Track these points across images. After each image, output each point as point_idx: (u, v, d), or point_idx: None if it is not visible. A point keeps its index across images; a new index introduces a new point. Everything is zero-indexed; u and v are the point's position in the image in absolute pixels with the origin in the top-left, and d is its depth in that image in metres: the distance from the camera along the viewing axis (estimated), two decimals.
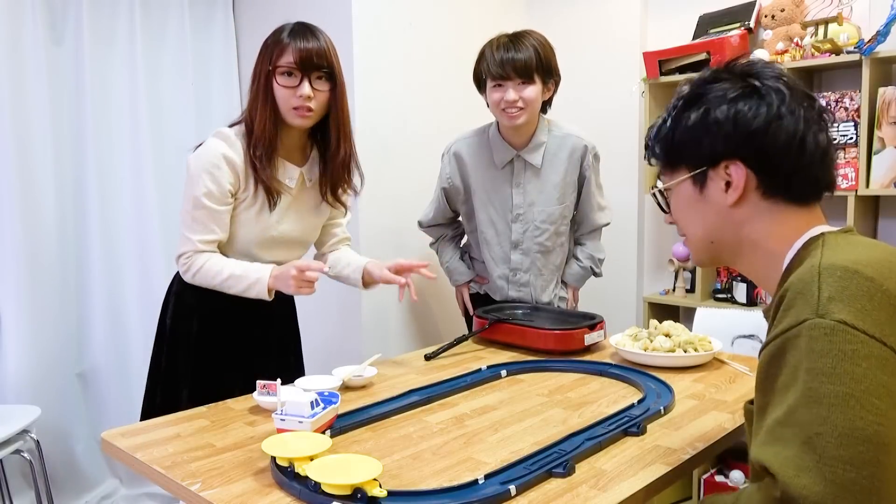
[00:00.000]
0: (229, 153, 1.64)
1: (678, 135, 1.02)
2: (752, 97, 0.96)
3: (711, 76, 1.02)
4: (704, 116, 0.99)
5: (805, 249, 0.95)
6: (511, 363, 1.71)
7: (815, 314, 0.82)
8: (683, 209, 1.06)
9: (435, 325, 2.78)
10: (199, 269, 1.66)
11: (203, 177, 1.63)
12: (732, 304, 2.62)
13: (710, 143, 0.98)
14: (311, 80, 1.62)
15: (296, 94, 1.61)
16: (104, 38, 2.63)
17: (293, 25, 1.66)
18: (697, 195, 1.02)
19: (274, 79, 1.62)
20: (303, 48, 1.60)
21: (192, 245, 1.66)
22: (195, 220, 1.65)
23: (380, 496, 0.95)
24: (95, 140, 2.61)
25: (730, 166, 0.98)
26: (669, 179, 1.06)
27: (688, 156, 1.02)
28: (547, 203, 2.16)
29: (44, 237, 2.51)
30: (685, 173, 1.03)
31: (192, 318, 1.77)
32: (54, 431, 2.53)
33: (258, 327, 1.80)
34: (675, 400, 1.40)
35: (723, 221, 1.01)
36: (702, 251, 1.06)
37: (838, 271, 0.85)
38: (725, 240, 1.02)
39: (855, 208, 2.29)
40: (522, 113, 2.02)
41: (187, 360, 1.76)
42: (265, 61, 1.63)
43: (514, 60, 1.97)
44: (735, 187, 0.98)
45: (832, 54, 2.31)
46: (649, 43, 2.87)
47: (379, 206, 2.54)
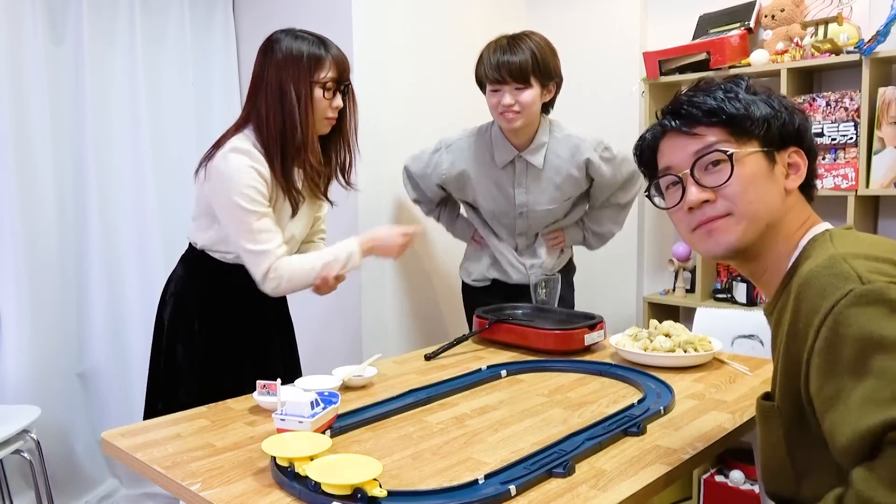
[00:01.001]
0: (256, 165, 1.64)
1: (756, 109, 1.01)
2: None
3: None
4: (780, 99, 1.02)
5: (811, 245, 0.97)
6: (511, 363, 1.71)
7: (858, 283, 0.83)
8: (753, 181, 0.99)
9: (435, 325, 2.78)
10: (290, 277, 1.66)
11: (246, 191, 1.62)
12: (732, 304, 2.62)
13: (786, 124, 1.01)
14: (343, 92, 1.72)
15: (332, 105, 1.70)
16: (104, 38, 2.62)
17: (309, 37, 1.69)
18: (769, 171, 1.00)
19: (314, 91, 1.67)
20: (340, 61, 1.69)
21: (273, 255, 1.64)
22: (261, 231, 1.63)
23: (380, 496, 0.95)
24: (95, 140, 2.61)
25: (794, 154, 1.01)
26: (737, 147, 1.00)
27: (763, 130, 1.00)
28: (550, 202, 2.17)
29: (44, 237, 2.50)
30: (756, 146, 1.00)
31: (193, 319, 1.76)
32: (54, 431, 2.52)
33: (258, 327, 1.80)
34: (675, 400, 1.40)
35: (781, 206, 1.00)
36: (752, 232, 1.00)
37: (861, 256, 0.87)
38: (775, 225, 1.00)
39: (855, 208, 2.29)
40: (519, 117, 2.02)
41: (188, 359, 1.76)
42: (305, 76, 1.65)
43: (510, 64, 1.97)
44: (799, 174, 1.01)
45: (832, 54, 2.31)
46: (649, 43, 2.87)
47: (378, 205, 2.54)
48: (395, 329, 2.66)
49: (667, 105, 1.08)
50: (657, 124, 1.09)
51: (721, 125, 1.01)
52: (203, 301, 1.76)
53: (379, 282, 2.59)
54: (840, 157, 2.34)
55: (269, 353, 1.85)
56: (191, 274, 1.82)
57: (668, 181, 1.07)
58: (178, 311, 1.79)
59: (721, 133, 1.01)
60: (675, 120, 1.04)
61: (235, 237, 1.65)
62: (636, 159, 1.15)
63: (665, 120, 1.06)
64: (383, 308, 2.61)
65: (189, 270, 1.83)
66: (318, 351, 2.49)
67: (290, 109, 1.65)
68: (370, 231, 1.86)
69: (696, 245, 1.06)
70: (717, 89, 1.03)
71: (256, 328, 1.81)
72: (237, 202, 1.61)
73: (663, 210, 1.09)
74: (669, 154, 1.06)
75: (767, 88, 1.05)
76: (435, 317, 2.79)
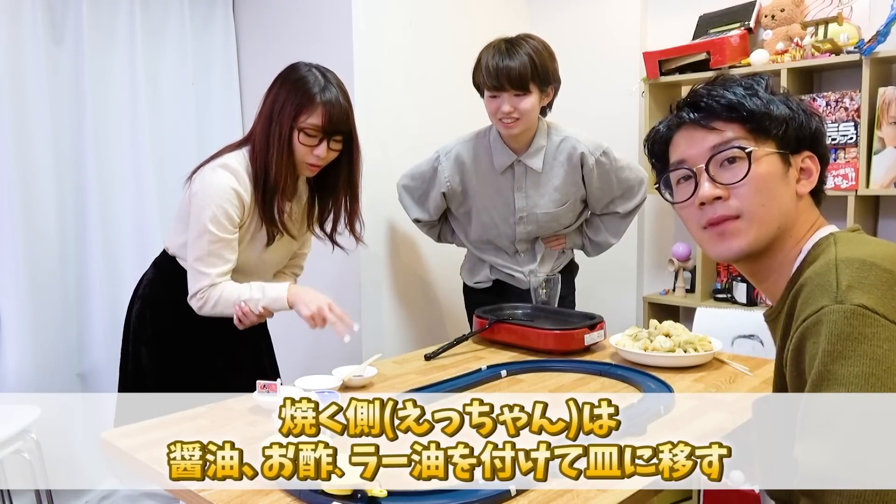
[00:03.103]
0: (239, 189, 1.63)
1: (776, 109, 0.99)
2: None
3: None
4: (798, 101, 1.01)
5: (816, 248, 0.96)
6: (511, 363, 1.71)
7: (834, 301, 0.82)
8: (768, 182, 0.97)
9: (435, 325, 2.78)
10: (216, 301, 1.64)
11: (216, 211, 1.61)
12: (732, 304, 2.62)
13: (802, 127, 1.00)
14: (329, 142, 1.65)
15: (313, 152, 1.64)
16: (104, 38, 2.62)
17: (317, 74, 1.64)
18: (784, 174, 0.99)
19: (297, 136, 1.63)
20: (331, 111, 1.62)
21: (209, 280, 1.64)
22: (211, 255, 1.63)
23: (380, 496, 0.95)
24: (95, 140, 2.61)
25: (807, 159, 1.00)
26: (746, 142, 0.98)
27: (781, 132, 0.99)
28: (549, 206, 2.16)
29: (44, 237, 2.50)
30: (773, 147, 0.99)
31: (158, 321, 1.77)
32: (54, 431, 2.52)
33: (225, 330, 1.76)
34: (675, 400, 1.40)
35: (792, 209, 0.99)
36: (764, 235, 0.98)
37: (855, 263, 0.86)
38: (785, 229, 0.99)
39: (855, 208, 2.29)
40: (518, 124, 2.00)
41: (152, 362, 1.77)
42: (289, 113, 1.62)
43: (509, 70, 1.93)
44: (811, 180, 1.00)
45: (832, 54, 2.31)
46: (649, 43, 2.87)
47: (378, 206, 2.54)
48: (395, 329, 2.66)
49: (684, 97, 1.05)
50: (673, 116, 1.06)
51: (740, 121, 0.99)
52: (169, 305, 1.76)
53: (378, 282, 2.59)
54: (840, 157, 2.34)
55: (240, 355, 1.84)
56: (160, 277, 1.83)
57: (681, 175, 1.04)
58: (144, 313, 1.80)
59: (739, 130, 0.99)
60: (694, 112, 1.02)
61: (190, 247, 1.66)
62: (647, 150, 1.12)
63: (683, 112, 1.04)
64: (383, 308, 2.61)
65: (159, 274, 1.84)
66: (318, 351, 2.49)
67: (274, 147, 1.63)
68: (304, 288, 1.73)
69: (706, 245, 1.03)
70: (737, 85, 1.01)
71: (224, 332, 1.76)
72: (203, 220, 1.61)
73: (671, 204, 1.07)
74: (685, 147, 1.03)
75: (786, 90, 1.04)
76: (435, 317, 2.79)
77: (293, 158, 1.66)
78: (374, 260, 2.58)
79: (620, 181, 2.19)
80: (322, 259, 2.04)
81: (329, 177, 1.76)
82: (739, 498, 2.45)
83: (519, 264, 2.26)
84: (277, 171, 1.63)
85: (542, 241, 2.25)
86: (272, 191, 1.65)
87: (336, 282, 2.60)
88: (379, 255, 2.60)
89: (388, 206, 2.57)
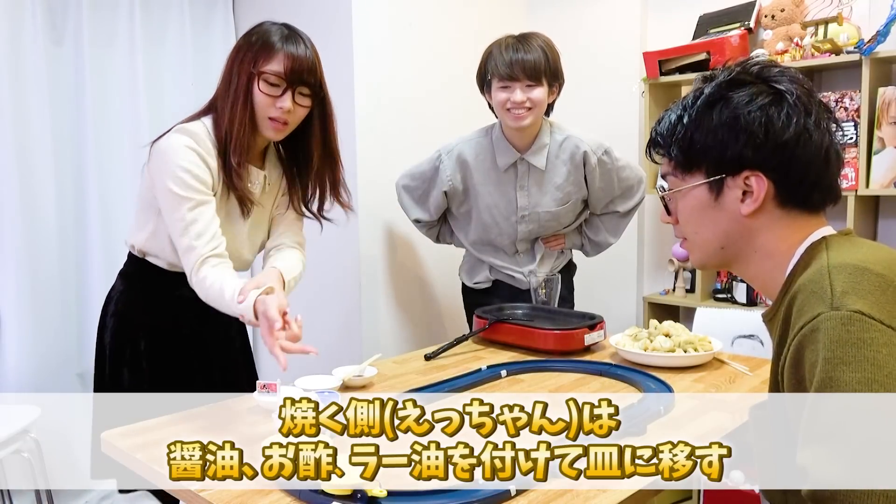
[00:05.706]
0: (199, 150, 1.47)
1: (699, 136, 0.96)
2: (781, 104, 0.93)
3: (733, 77, 0.96)
4: (733, 122, 0.93)
5: (808, 253, 0.95)
6: (511, 363, 1.71)
7: (829, 308, 0.81)
8: (694, 214, 1.01)
9: (435, 325, 2.78)
10: (206, 294, 1.43)
11: (176, 171, 1.44)
12: (732, 304, 2.62)
13: (737, 150, 0.94)
14: (294, 94, 1.49)
15: (275, 104, 1.48)
16: (104, 38, 2.62)
17: (282, 28, 1.52)
18: (712, 201, 0.98)
19: (256, 83, 1.48)
20: (294, 59, 1.47)
21: (196, 254, 1.43)
22: (194, 222, 1.44)
23: (380, 496, 0.95)
24: (95, 140, 2.61)
25: (751, 177, 0.94)
26: (680, 180, 1.01)
27: (708, 160, 0.97)
28: (551, 205, 2.16)
29: (44, 237, 2.50)
30: (701, 177, 0.98)
31: (138, 339, 1.64)
32: (54, 431, 2.52)
33: (212, 335, 1.71)
34: (675, 400, 1.40)
35: (737, 229, 0.98)
36: (710, 256, 1.03)
37: (848, 269, 0.85)
38: (737, 247, 0.99)
39: (855, 208, 2.29)
40: (529, 114, 2.01)
41: (135, 385, 1.63)
42: (248, 62, 1.48)
43: (524, 61, 1.96)
44: (754, 199, 0.95)
45: (832, 54, 2.31)
46: (649, 43, 2.87)
47: (378, 206, 2.54)
48: (395, 329, 2.66)
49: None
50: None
51: (668, 156, 1.02)
52: (147, 317, 1.64)
53: (378, 282, 2.59)
54: None
55: (231, 358, 1.77)
56: (131, 288, 1.69)
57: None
58: (121, 331, 1.66)
59: (668, 165, 1.03)
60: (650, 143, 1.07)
61: (169, 227, 1.47)
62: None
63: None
64: (383, 308, 2.61)
65: (129, 285, 1.69)
66: (317, 351, 2.49)
67: (230, 97, 1.49)
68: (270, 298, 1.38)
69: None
70: (676, 108, 1.00)
71: (211, 337, 1.70)
72: (170, 186, 1.44)
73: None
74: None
75: (755, 88, 0.95)
76: (435, 317, 2.79)
77: (254, 114, 1.50)
78: (374, 260, 2.58)
79: (621, 180, 2.20)
80: (322, 259, 2.04)
81: (302, 142, 1.60)
82: (739, 498, 2.45)
83: (518, 264, 2.26)
84: (239, 124, 1.47)
85: (542, 241, 2.26)
86: (239, 156, 1.50)
87: (336, 282, 2.60)
88: (378, 256, 2.60)
89: (387, 206, 2.57)
